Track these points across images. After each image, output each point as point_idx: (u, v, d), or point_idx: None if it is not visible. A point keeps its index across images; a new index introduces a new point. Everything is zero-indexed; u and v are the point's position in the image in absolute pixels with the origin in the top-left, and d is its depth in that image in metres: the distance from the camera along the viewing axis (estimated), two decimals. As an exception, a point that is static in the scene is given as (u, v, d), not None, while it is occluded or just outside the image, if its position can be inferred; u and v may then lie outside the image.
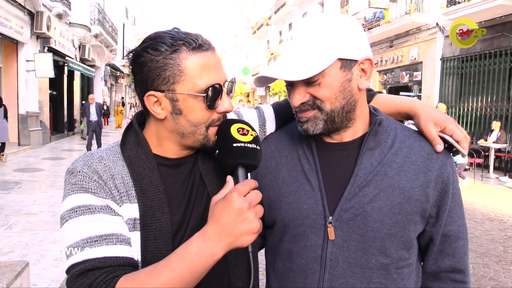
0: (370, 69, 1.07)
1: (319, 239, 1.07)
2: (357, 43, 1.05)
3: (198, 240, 0.87)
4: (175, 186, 1.05)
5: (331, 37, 1.02)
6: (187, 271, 0.85)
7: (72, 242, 0.92)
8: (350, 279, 1.05)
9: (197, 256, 0.85)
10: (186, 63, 0.97)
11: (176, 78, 0.97)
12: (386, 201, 1.05)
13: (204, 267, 0.86)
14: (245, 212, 0.84)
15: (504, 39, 11.39)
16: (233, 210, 0.84)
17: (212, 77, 0.99)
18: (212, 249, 0.85)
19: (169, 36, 0.98)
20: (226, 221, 0.85)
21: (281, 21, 32.40)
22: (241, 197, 0.85)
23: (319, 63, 1.01)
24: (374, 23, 16.91)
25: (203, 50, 0.99)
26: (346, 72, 1.04)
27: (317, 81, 1.03)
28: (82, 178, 0.96)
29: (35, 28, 14.12)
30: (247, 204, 0.85)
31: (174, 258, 0.87)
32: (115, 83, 35.54)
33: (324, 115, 1.06)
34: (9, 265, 2.90)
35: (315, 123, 1.07)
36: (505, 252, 5.36)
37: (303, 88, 1.05)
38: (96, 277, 0.88)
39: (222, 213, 0.86)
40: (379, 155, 1.09)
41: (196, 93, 0.98)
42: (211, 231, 0.86)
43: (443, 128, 1.14)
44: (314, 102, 1.05)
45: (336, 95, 1.04)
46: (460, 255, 1.14)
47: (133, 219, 0.97)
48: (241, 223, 0.84)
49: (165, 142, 1.06)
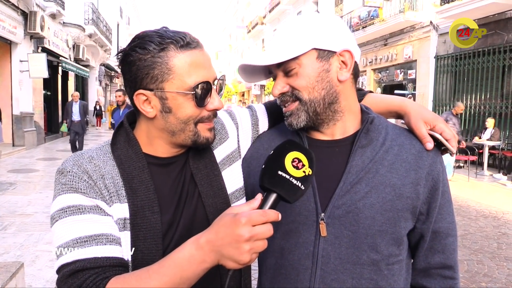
0: (351, 61, 1.09)
1: (311, 236, 1.08)
2: (336, 36, 1.08)
3: (191, 247, 0.85)
4: (165, 185, 1.05)
5: (307, 28, 1.07)
6: (177, 277, 0.84)
7: (62, 242, 0.92)
8: (341, 275, 1.06)
9: (188, 263, 0.84)
10: (174, 61, 0.97)
11: (165, 76, 0.97)
12: (377, 198, 1.06)
13: (194, 274, 0.85)
14: (242, 242, 0.79)
15: (497, 37, 11.46)
16: (232, 234, 0.80)
17: (201, 75, 1.00)
18: (203, 257, 0.84)
19: (157, 35, 0.98)
20: (221, 237, 0.81)
21: (276, 20, 32.42)
22: (248, 226, 0.80)
23: (293, 50, 1.04)
24: (368, 22, 16.97)
25: (191, 48, 1.00)
26: (323, 63, 1.07)
27: (293, 69, 1.06)
28: (72, 178, 0.96)
29: (28, 28, 14.05)
30: (248, 236, 0.79)
31: (166, 263, 0.86)
32: (110, 83, 35.45)
33: (304, 105, 1.08)
34: (4, 266, 2.88)
35: (298, 116, 1.09)
36: (499, 248, 5.39)
37: (283, 79, 1.09)
38: (86, 278, 0.88)
39: (221, 228, 0.82)
40: (370, 153, 1.10)
41: (185, 91, 0.98)
42: (203, 240, 0.84)
43: (433, 126, 1.15)
44: (293, 92, 1.08)
45: (313, 85, 1.07)
46: (450, 252, 1.15)
47: (123, 218, 0.97)
48: (233, 249, 0.80)
49: (156, 141, 1.06)
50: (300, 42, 1.05)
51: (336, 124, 1.13)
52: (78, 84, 23.39)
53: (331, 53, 1.07)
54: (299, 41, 1.05)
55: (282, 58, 1.04)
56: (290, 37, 1.07)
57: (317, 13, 1.11)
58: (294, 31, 1.08)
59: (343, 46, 1.08)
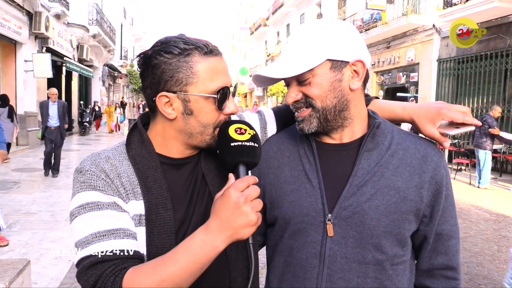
0: (363, 71, 1.12)
1: (318, 236, 1.12)
2: (349, 46, 1.10)
3: (201, 233, 0.92)
4: (177, 185, 1.10)
5: (321, 39, 1.09)
6: (191, 262, 0.90)
7: (81, 237, 0.97)
8: (347, 274, 1.10)
9: (200, 248, 0.91)
10: (198, 66, 1.03)
11: (189, 80, 1.03)
12: (382, 200, 1.10)
13: (207, 258, 0.91)
14: (242, 206, 0.89)
15: (500, 40, 11.48)
16: (230, 205, 0.89)
17: (222, 80, 1.06)
18: (214, 242, 0.91)
19: (181, 40, 1.04)
20: (225, 215, 0.90)
21: (279, 22, 32.44)
22: (237, 192, 0.90)
23: (308, 62, 1.07)
24: (371, 25, 16.98)
25: (213, 55, 1.06)
26: (336, 73, 1.10)
27: (307, 79, 1.09)
28: (90, 177, 1.01)
29: (33, 28, 14.15)
30: (243, 199, 0.89)
31: (179, 250, 0.92)
32: (113, 83, 35.50)
33: (317, 113, 1.12)
34: (11, 263, 2.93)
35: (310, 122, 1.13)
36: (499, 251, 5.42)
37: (296, 87, 1.12)
38: (105, 269, 0.93)
39: (221, 208, 0.91)
40: (376, 156, 1.14)
41: (208, 95, 1.04)
42: (212, 225, 0.91)
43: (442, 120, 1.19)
44: (306, 100, 1.12)
45: (326, 94, 1.10)
46: (453, 253, 1.19)
47: (139, 215, 1.02)
48: (239, 217, 0.89)
49: (171, 142, 1.10)
50: (314, 53, 1.08)
51: (344, 129, 1.17)
52: (82, 84, 23.46)
53: (344, 63, 1.10)
54: (314, 52, 1.08)
55: (298, 71, 1.07)
56: (305, 48, 1.09)
57: (330, 21, 1.14)
58: (309, 42, 1.09)
59: (355, 56, 1.11)
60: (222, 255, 0.98)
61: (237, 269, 1.12)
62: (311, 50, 1.08)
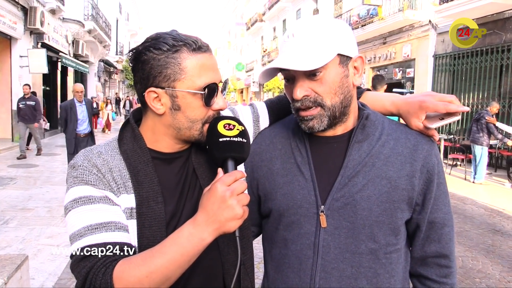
0: (362, 67, 1.16)
1: (312, 227, 1.14)
2: (352, 42, 1.14)
3: (189, 226, 0.95)
4: (168, 179, 1.12)
5: (331, 34, 1.10)
6: (179, 254, 0.93)
7: (75, 230, 0.99)
8: (341, 264, 1.12)
9: (188, 240, 0.93)
10: (187, 62, 1.04)
11: (177, 76, 1.04)
12: (374, 190, 1.12)
13: (194, 251, 0.94)
14: (228, 199, 0.91)
15: (495, 36, 11.52)
16: (216, 199, 0.92)
17: (210, 77, 1.07)
18: (201, 235, 0.93)
19: (170, 37, 1.05)
20: (212, 208, 0.92)
21: (275, 17, 32.39)
22: (223, 186, 0.92)
23: (323, 56, 1.07)
24: (367, 20, 16.99)
25: (202, 51, 1.07)
26: (344, 68, 1.12)
27: (318, 75, 1.09)
28: (83, 172, 1.03)
29: (28, 23, 14.05)
30: (229, 193, 0.92)
31: (167, 243, 0.95)
32: (109, 78, 35.38)
33: (327, 111, 1.12)
34: (9, 258, 2.94)
35: (321, 120, 1.13)
36: (493, 245, 5.47)
37: (306, 82, 1.11)
38: (96, 261, 0.95)
39: (208, 202, 0.93)
40: (367, 147, 1.16)
41: (195, 91, 1.05)
42: (199, 218, 0.94)
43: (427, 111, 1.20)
44: (315, 98, 1.11)
45: (335, 90, 1.11)
46: (446, 241, 1.21)
47: (130, 208, 1.04)
48: (224, 210, 0.92)
49: (161, 137, 1.12)
50: (327, 47, 1.08)
51: (341, 125, 1.19)
52: (77, 80, 23.28)
53: (348, 59, 1.12)
54: (327, 46, 1.09)
55: (316, 65, 1.06)
56: (318, 42, 1.09)
57: (331, 17, 1.15)
58: (321, 36, 1.09)
59: (356, 52, 1.14)
60: (214, 247, 1.01)
61: (229, 260, 1.14)
62: (324, 44, 1.09)
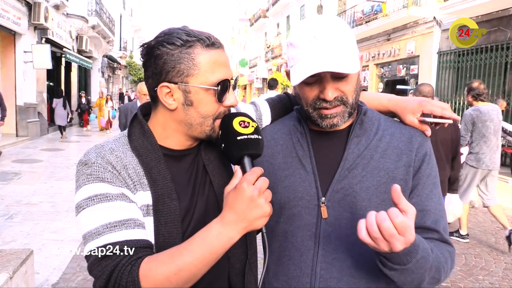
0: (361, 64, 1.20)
1: (313, 218, 1.17)
2: None
3: (217, 225, 0.95)
4: (180, 176, 1.12)
5: (352, 35, 1.15)
6: (208, 253, 0.94)
7: (91, 228, 0.97)
8: (341, 254, 1.15)
9: (217, 239, 0.94)
10: (200, 58, 1.04)
11: (190, 71, 1.04)
12: (372, 181, 1.16)
13: (223, 249, 0.96)
14: (256, 199, 0.93)
15: (500, 33, 11.46)
16: (245, 199, 0.93)
17: (223, 73, 1.08)
18: (230, 233, 0.94)
19: (184, 32, 1.06)
20: (240, 208, 0.94)
21: (279, 13, 32.30)
22: (251, 186, 0.94)
23: (356, 57, 1.13)
24: (371, 16, 16.93)
25: (215, 47, 1.08)
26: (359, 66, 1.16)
27: (348, 75, 1.13)
28: (97, 169, 1.01)
29: (32, 19, 14.09)
30: (257, 192, 0.93)
31: (195, 241, 0.95)
32: (112, 74, 35.42)
33: (349, 108, 1.18)
34: (15, 253, 2.97)
35: (343, 117, 1.18)
36: (497, 243, 5.48)
37: (334, 83, 1.13)
38: (120, 259, 0.94)
39: (235, 202, 0.94)
40: (365, 141, 1.21)
41: (208, 86, 1.06)
42: (228, 217, 0.95)
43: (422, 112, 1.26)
44: (342, 97, 1.15)
45: (355, 88, 1.18)
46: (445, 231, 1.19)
47: (146, 205, 1.04)
48: (254, 209, 0.93)
49: (172, 133, 1.12)
50: (355, 48, 1.14)
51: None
52: (81, 75, 23.44)
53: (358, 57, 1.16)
54: (355, 47, 1.14)
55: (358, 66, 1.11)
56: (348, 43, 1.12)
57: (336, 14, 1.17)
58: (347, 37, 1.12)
59: None
60: None
61: (235, 255, 1.16)
62: (353, 45, 1.13)
